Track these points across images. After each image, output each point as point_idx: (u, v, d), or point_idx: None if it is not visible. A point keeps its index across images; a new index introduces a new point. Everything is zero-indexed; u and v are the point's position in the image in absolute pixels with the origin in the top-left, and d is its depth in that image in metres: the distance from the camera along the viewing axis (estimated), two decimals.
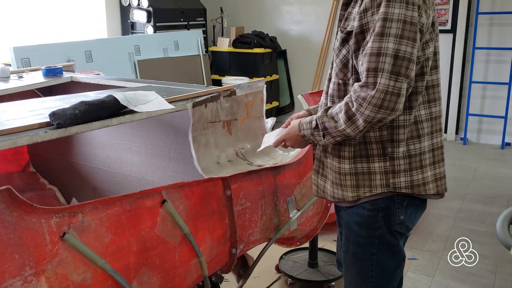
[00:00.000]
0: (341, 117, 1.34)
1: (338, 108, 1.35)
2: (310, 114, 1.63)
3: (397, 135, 1.39)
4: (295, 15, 6.45)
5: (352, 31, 1.36)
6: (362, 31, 1.33)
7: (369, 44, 1.29)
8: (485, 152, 5.33)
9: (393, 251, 1.49)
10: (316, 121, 1.41)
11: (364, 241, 1.49)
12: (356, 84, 1.32)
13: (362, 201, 1.45)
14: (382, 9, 1.28)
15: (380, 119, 1.29)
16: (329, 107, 1.41)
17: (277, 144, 1.57)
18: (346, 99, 1.34)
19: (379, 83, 1.26)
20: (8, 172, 2.78)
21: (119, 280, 1.31)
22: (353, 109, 1.30)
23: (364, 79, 1.30)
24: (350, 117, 1.32)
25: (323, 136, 1.40)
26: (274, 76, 6.36)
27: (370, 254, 1.49)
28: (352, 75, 1.41)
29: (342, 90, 1.45)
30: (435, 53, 1.41)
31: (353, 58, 1.38)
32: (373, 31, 1.29)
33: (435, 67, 1.43)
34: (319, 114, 1.42)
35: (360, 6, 1.34)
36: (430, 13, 1.34)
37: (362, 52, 1.33)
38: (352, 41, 1.37)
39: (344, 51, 1.42)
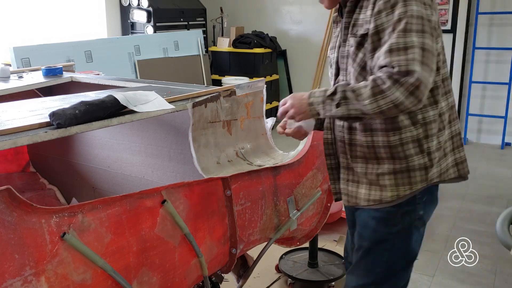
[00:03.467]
0: (366, 91, 1.30)
1: (363, 84, 1.33)
2: None
3: (430, 130, 1.44)
4: (295, 15, 6.45)
5: (366, 34, 1.39)
6: (377, 32, 1.36)
7: (392, 41, 1.30)
8: (485, 152, 5.33)
9: (405, 250, 1.52)
10: (336, 88, 1.36)
11: (380, 237, 1.51)
12: (384, 69, 1.30)
13: (401, 200, 1.47)
14: (400, 9, 1.32)
15: (406, 106, 1.27)
16: (348, 83, 1.42)
17: (281, 114, 1.49)
18: (373, 77, 1.31)
19: (416, 71, 1.25)
20: (8, 172, 2.78)
21: (119, 280, 1.31)
22: (384, 87, 1.27)
23: (395, 69, 1.27)
24: (376, 93, 1.29)
25: (337, 105, 1.35)
26: (274, 76, 6.36)
27: (383, 250, 1.51)
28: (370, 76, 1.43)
29: None
30: (443, 47, 1.49)
31: (369, 59, 1.40)
32: (393, 30, 1.31)
33: (444, 61, 1.50)
34: (339, 84, 1.39)
35: (372, 9, 1.37)
36: (437, 11, 1.42)
37: (379, 51, 1.35)
38: (368, 43, 1.39)
39: (361, 55, 1.43)
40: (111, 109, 1.54)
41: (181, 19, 6.16)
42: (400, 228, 1.49)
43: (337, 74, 1.58)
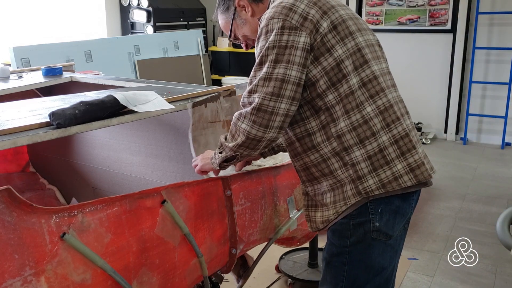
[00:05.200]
0: (228, 135, 1.48)
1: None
2: None
3: (346, 142, 1.38)
4: None
5: None
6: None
7: (250, 75, 1.42)
8: (485, 152, 5.33)
9: (366, 263, 1.44)
10: (219, 140, 1.53)
11: (336, 250, 1.46)
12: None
13: (341, 216, 1.42)
14: (261, 42, 1.38)
15: (257, 134, 1.37)
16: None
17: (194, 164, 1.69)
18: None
19: (253, 102, 1.36)
20: (8, 172, 2.78)
21: (119, 280, 1.31)
22: (232, 124, 1.43)
23: (240, 103, 1.42)
24: (232, 133, 1.45)
25: (220, 152, 1.51)
26: None
27: (341, 264, 1.45)
28: None
29: None
30: (359, 49, 1.40)
31: None
32: (254, 64, 1.41)
33: (365, 62, 1.40)
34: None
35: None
36: (322, 23, 1.36)
37: None
38: None
39: None
40: (111, 109, 1.54)
41: (181, 19, 6.16)
42: (355, 240, 1.42)
43: None
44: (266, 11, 1.43)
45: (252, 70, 1.40)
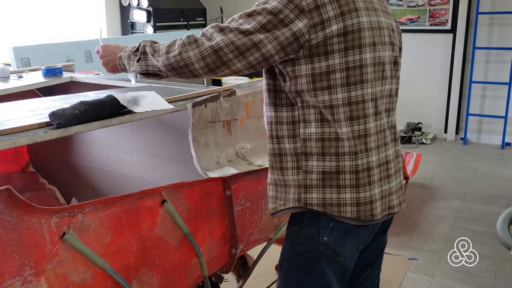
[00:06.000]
0: (163, 47, 1.37)
1: (167, 42, 1.38)
2: None
3: (309, 148, 1.33)
4: None
5: None
6: None
7: (235, 16, 1.30)
8: (485, 152, 5.33)
9: (315, 273, 1.39)
10: (140, 44, 1.44)
11: (287, 255, 1.44)
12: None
13: (279, 214, 1.42)
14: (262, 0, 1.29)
15: (197, 70, 1.30)
16: (154, 41, 1.44)
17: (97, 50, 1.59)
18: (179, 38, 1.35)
19: (216, 40, 1.26)
20: (8, 172, 2.78)
21: (119, 280, 1.31)
22: (178, 42, 1.33)
23: (206, 28, 1.31)
24: (170, 50, 1.35)
25: (138, 60, 1.42)
26: None
27: (291, 270, 1.42)
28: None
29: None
30: (361, 66, 1.29)
31: None
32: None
33: (360, 81, 1.30)
34: (144, 39, 1.46)
35: None
36: (332, 24, 1.25)
37: None
38: None
39: None
40: (111, 109, 1.54)
41: (181, 19, 6.16)
42: (304, 250, 1.39)
43: None
44: None
45: (238, 14, 1.30)
